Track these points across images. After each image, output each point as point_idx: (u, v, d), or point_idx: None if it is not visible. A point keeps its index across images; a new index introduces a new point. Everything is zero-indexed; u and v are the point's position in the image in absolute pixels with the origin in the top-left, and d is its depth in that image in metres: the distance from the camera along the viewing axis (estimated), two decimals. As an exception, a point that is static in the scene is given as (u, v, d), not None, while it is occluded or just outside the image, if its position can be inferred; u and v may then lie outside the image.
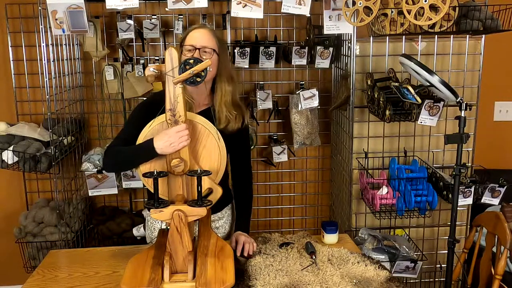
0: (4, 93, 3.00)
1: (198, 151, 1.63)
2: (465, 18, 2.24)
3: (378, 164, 2.63)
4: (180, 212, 1.47)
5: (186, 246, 1.50)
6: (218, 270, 1.48)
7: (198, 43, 1.76)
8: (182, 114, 1.53)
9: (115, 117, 3.05)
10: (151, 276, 1.48)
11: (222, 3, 2.93)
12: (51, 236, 2.77)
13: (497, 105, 3.34)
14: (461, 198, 2.38)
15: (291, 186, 3.28)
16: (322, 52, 2.78)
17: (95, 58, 2.90)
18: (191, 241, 1.51)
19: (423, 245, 2.73)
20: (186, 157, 1.56)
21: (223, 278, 1.45)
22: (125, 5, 2.31)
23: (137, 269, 1.53)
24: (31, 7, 2.85)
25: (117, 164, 1.78)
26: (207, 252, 1.56)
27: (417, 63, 2.11)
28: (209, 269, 1.49)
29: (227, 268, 1.49)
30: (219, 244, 1.61)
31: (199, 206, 1.48)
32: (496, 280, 1.98)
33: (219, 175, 1.65)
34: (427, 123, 2.34)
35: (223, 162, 1.64)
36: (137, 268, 1.53)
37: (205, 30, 1.81)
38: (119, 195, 3.08)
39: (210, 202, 1.53)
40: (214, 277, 1.46)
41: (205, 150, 1.63)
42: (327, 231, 1.94)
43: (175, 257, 1.52)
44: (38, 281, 1.67)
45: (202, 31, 1.79)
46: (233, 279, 1.45)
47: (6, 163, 2.62)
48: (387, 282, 1.58)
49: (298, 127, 2.96)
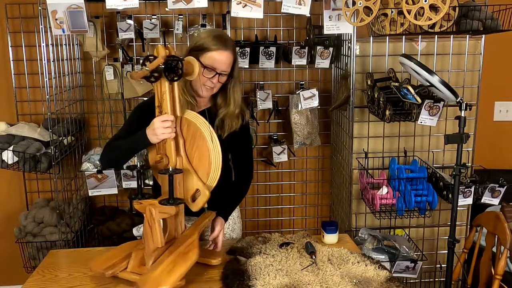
0: (4, 93, 3.00)
1: (192, 150, 1.65)
2: (465, 18, 2.24)
3: (378, 164, 2.63)
4: (151, 207, 1.53)
5: (155, 241, 1.55)
6: (165, 272, 1.48)
7: (220, 68, 1.75)
8: (168, 111, 1.58)
9: (115, 117, 3.05)
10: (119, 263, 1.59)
11: (222, 3, 2.93)
12: (51, 236, 2.77)
13: (497, 105, 3.34)
14: (461, 198, 2.38)
15: (291, 186, 3.28)
16: (322, 52, 2.78)
17: (95, 58, 2.90)
18: (163, 236, 1.56)
19: (423, 245, 2.73)
20: (170, 154, 1.59)
21: (161, 281, 1.44)
22: (125, 5, 2.31)
23: (117, 254, 1.64)
24: (31, 7, 2.85)
25: (115, 158, 1.80)
26: (173, 251, 1.57)
27: (417, 63, 2.11)
28: (159, 268, 1.49)
29: (174, 272, 1.48)
30: (190, 247, 1.59)
31: (169, 205, 1.53)
32: (496, 280, 1.98)
33: (211, 177, 1.64)
34: (427, 123, 2.34)
35: (216, 163, 1.63)
36: (117, 253, 1.65)
37: (228, 53, 1.76)
38: (119, 195, 3.08)
39: (181, 201, 1.58)
40: (156, 277, 1.46)
41: (197, 151, 1.64)
42: (327, 231, 1.94)
43: (147, 250, 1.58)
44: (38, 281, 1.66)
45: (227, 56, 1.75)
46: (170, 284, 1.44)
47: (6, 163, 2.62)
48: (387, 282, 1.58)
49: (298, 127, 2.96)
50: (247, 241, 1.89)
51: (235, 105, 1.84)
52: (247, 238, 1.94)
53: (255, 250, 1.79)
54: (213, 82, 1.77)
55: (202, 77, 1.75)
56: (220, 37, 1.77)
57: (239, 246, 1.83)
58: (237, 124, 1.87)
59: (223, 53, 1.74)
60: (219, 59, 1.74)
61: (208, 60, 1.74)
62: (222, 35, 1.81)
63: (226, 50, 1.75)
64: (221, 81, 1.78)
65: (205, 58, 1.74)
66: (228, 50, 1.76)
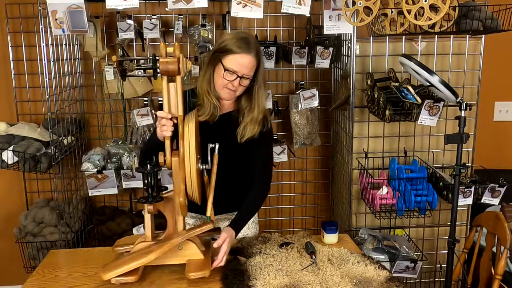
0: (4, 93, 3.00)
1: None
2: (465, 18, 2.23)
3: (378, 164, 2.63)
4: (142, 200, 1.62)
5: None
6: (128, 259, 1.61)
7: (241, 72, 1.73)
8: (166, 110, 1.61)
9: (115, 117, 3.05)
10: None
11: (222, 3, 2.93)
12: (51, 236, 2.77)
13: (497, 105, 3.34)
14: (461, 198, 2.38)
15: (291, 186, 3.28)
16: (322, 52, 2.78)
17: (95, 58, 2.90)
18: (151, 231, 1.65)
19: (423, 245, 2.73)
20: (166, 152, 1.61)
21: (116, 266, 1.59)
22: (125, 5, 2.31)
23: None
24: (31, 7, 2.85)
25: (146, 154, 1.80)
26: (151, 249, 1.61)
27: (417, 63, 2.11)
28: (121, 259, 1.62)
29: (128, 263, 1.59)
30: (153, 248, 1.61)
31: (148, 203, 1.60)
32: (496, 280, 1.98)
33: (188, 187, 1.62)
34: (427, 123, 2.34)
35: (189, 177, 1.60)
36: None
37: (251, 57, 1.72)
38: (119, 195, 3.08)
39: (158, 199, 1.61)
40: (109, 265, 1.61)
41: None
42: (327, 231, 1.94)
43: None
44: (38, 281, 1.66)
45: (249, 59, 1.72)
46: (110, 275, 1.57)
47: (6, 163, 2.62)
48: (387, 282, 1.58)
49: (298, 127, 2.96)
50: (247, 241, 1.89)
51: (259, 110, 1.81)
52: (247, 238, 1.94)
53: (255, 250, 1.79)
54: (234, 85, 1.74)
55: (223, 80, 1.73)
56: (243, 40, 1.73)
57: (239, 246, 1.83)
58: (257, 130, 1.82)
59: (245, 56, 1.71)
60: (241, 62, 1.71)
61: (229, 62, 1.72)
62: (246, 37, 1.76)
63: (248, 54, 1.72)
64: (243, 84, 1.75)
65: (226, 61, 1.72)
66: (250, 54, 1.72)
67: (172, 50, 1.56)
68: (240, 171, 1.92)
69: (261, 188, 1.88)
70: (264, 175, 1.90)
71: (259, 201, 1.89)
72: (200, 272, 1.60)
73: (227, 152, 1.76)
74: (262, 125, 1.84)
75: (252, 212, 1.88)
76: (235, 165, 1.89)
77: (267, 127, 1.86)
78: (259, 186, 1.88)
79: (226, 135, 1.83)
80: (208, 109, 1.80)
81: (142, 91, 2.95)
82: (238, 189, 1.92)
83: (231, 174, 1.87)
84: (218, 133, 1.83)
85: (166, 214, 1.67)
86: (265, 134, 1.86)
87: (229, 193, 1.90)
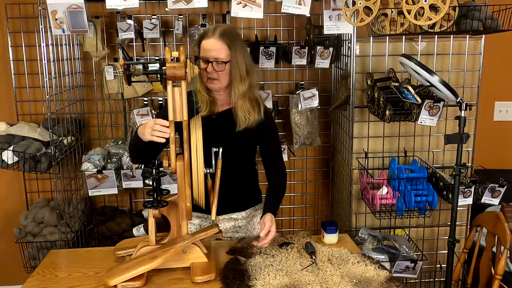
0: (4, 93, 3.00)
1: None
2: (465, 18, 2.23)
3: (378, 164, 2.63)
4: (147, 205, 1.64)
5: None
6: (133, 264, 1.58)
7: (209, 55, 1.75)
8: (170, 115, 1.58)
9: (115, 117, 3.05)
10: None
11: (222, 3, 2.93)
12: (51, 236, 2.77)
13: (497, 105, 3.34)
14: (461, 198, 2.38)
15: (291, 186, 3.28)
16: (322, 52, 2.78)
17: (95, 58, 2.90)
18: (154, 235, 1.64)
19: (423, 245, 2.73)
20: (171, 157, 1.59)
21: (121, 271, 1.56)
22: (125, 5, 2.31)
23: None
24: (31, 7, 2.85)
25: (134, 155, 1.86)
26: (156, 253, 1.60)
27: (417, 63, 2.11)
28: (125, 265, 1.60)
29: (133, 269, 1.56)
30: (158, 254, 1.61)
31: (153, 208, 1.60)
32: (496, 280, 1.98)
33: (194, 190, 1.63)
34: (427, 123, 2.34)
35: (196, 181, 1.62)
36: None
37: (214, 40, 1.75)
38: (119, 195, 3.08)
39: (165, 204, 1.61)
40: (114, 271, 1.58)
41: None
42: (327, 231, 1.94)
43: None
44: (38, 281, 1.66)
45: (214, 42, 1.75)
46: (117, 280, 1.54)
47: (6, 163, 2.62)
48: (387, 282, 1.58)
49: (298, 127, 2.96)
50: (247, 241, 1.88)
51: (236, 95, 1.81)
52: (247, 238, 1.94)
53: (255, 250, 1.79)
54: (209, 71, 1.77)
55: (202, 71, 1.78)
56: (209, 28, 1.80)
57: (239, 246, 1.83)
58: (253, 116, 1.83)
59: (209, 40, 1.76)
60: (206, 47, 1.76)
61: (201, 51, 1.79)
62: (215, 26, 1.81)
63: (211, 37, 1.76)
64: (217, 69, 1.77)
65: (201, 52, 1.79)
66: (213, 37, 1.75)
67: (177, 54, 1.54)
68: (242, 170, 1.94)
69: (283, 173, 1.97)
70: (281, 161, 1.98)
71: (284, 187, 1.98)
72: (207, 276, 1.61)
73: (228, 147, 1.78)
74: (257, 111, 1.85)
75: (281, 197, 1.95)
76: (238, 162, 1.92)
77: (262, 112, 1.87)
78: (280, 172, 1.96)
79: (227, 129, 1.86)
80: (204, 105, 1.83)
81: (142, 91, 2.95)
82: (240, 189, 1.93)
83: (233, 172, 1.89)
84: (220, 127, 1.86)
85: (170, 218, 1.67)
86: (262, 119, 1.88)
87: (231, 193, 1.91)
